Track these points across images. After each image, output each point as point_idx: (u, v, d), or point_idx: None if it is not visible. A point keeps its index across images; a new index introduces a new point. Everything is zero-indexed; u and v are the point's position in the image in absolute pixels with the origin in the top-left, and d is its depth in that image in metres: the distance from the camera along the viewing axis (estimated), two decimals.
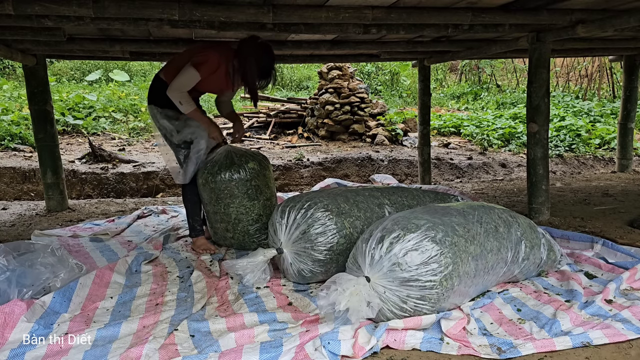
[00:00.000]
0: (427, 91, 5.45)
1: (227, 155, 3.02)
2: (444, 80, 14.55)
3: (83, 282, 2.39)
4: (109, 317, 2.19)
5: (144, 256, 2.87)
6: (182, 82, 2.75)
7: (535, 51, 3.53)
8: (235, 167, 2.97)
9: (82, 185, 6.05)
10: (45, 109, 4.26)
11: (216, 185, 2.96)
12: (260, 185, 3.05)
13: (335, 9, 2.73)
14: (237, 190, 2.97)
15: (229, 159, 3.00)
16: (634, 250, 2.81)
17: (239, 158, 3.02)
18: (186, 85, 2.76)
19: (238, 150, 3.09)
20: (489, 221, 2.29)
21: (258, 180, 3.03)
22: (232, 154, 3.03)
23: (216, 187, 2.96)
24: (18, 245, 2.47)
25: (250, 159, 3.06)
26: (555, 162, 7.37)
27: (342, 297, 1.90)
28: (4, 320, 1.95)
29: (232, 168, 2.96)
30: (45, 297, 2.19)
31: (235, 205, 2.98)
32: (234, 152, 3.04)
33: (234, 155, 3.02)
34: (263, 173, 3.08)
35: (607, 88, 11.69)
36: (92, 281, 2.45)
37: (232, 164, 2.98)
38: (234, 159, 3.01)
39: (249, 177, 2.99)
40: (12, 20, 2.80)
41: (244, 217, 3.02)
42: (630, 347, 1.87)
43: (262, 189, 3.06)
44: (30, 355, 1.80)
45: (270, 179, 3.18)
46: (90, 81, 11.54)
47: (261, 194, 3.05)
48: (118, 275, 2.59)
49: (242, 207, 3.00)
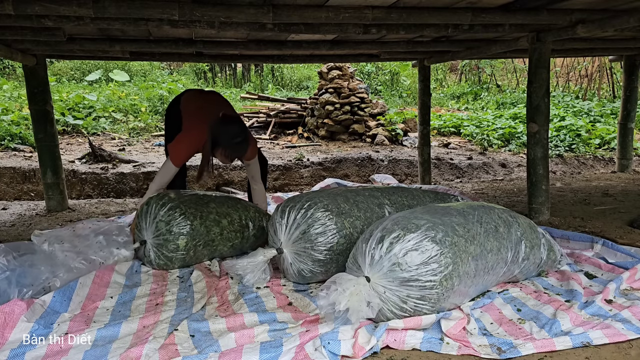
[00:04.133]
0: (427, 91, 5.45)
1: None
2: (444, 80, 14.55)
3: (83, 282, 2.39)
4: (109, 317, 2.18)
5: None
6: (161, 180, 3.02)
7: (535, 51, 3.53)
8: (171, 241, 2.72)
9: (82, 185, 6.05)
10: (45, 109, 4.26)
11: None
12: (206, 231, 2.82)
13: (335, 9, 2.72)
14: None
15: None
16: (634, 250, 2.81)
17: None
18: (165, 181, 3.03)
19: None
20: (489, 221, 2.29)
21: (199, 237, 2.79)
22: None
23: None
24: (18, 245, 2.47)
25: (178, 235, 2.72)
26: (555, 162, 7.37)
27: (342, 297, 1.90)
28: (4, 320, 1.94)
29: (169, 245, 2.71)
30: (46, 297, 2.19)
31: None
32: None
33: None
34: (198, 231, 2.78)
35: (607, 88, 11.70)
36: (92, 281, 2.44)
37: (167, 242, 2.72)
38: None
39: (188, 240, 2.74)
40: (12, 20, 2.80)
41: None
42: (630, 347, 1.87)
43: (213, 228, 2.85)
44: (30, 355, 1.80)
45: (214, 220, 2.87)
46: (90, 81, 11.55)
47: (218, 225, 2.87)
48: (118, 275, 2.59)
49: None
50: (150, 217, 2.73)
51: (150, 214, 2.74)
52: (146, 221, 2.75)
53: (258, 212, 3.12)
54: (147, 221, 2.75)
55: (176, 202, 2.77)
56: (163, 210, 2.71)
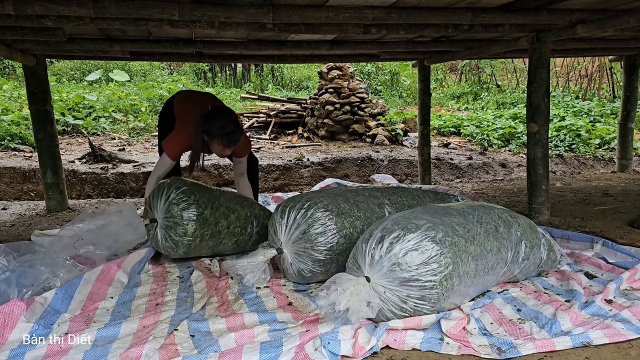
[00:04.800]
0: (427, 91, 5.45)
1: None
2: (444, 80, 14.55)
3: (87, 278, 2.38)
4: (109, 317, 2.19)
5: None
6: (158, 171, 3.08)
7: (535, 51, 3.53)
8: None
9: (82, 185, 6.04)
10: (45, 109, 4.26)
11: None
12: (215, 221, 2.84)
13: (335, 9, 2.72)
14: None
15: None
16: (634, 250, 2.81)
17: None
18: (161, 173, 3.08)
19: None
20: (489, 221, 2.29)
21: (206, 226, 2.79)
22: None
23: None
24: (18, 246, 2.48)
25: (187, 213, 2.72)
26: (555, 162, 7.37)
27: (342, 297, 1.90)
28: (4, 320, 1.94)
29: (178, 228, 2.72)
30: (47, 294, 2.19)
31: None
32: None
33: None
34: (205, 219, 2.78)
35: (607, 88, 11.70)
36: (97, 277, 2.43)
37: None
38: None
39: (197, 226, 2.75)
40: (12, 20, 2.79)
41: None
42: (630, 347, 1.87)
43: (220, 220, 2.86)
44: (30, 355, 1.80)
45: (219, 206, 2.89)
46: (90, 81, 11.55)
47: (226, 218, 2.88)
48: (122, 273, 2.58)
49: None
50: (163, 198, 2.75)
51: (164, 195, 2.75)
52: (159, 201, 2.76)
53: (263, 211, 3.14)
54: (159, 202, 2.76)
55: (190, 188, 2.79)
56: (176, 193, 2.73)
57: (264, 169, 6.69)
